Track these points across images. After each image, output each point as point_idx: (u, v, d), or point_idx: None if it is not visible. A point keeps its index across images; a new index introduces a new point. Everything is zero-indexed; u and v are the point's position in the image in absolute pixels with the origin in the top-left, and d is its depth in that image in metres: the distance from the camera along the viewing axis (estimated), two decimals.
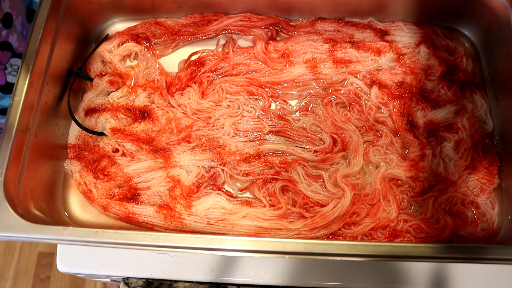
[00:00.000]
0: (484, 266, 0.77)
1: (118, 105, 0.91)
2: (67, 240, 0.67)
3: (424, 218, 0.81)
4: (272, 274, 0.77)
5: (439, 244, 0.66)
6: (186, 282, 0.78)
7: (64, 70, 0.90)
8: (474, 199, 0.82)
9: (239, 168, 0.85)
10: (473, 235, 0.80)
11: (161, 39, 0.99)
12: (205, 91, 0.93)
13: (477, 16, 0.94)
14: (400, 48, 0.95)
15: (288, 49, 0.96)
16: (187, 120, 0.90)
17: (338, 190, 0.83)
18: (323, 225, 0.79)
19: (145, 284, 0.78)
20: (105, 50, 0.96)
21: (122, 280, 0.78)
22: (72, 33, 0.92)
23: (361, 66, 0.93)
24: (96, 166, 0.85)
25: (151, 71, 0.95)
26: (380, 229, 0.80)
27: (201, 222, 0.79)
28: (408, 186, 0.83)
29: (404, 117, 0.88)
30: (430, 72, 0.92)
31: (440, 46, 0.96)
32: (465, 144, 0.86)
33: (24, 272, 1.71)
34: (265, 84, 0.93)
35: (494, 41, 0.92)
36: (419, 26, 0.98)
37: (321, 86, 0.93)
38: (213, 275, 0.77)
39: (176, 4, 0.98)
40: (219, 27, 0.99)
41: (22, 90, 0.76)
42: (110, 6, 0.99)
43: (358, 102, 0.91)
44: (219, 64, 0.96)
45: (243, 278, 0.77)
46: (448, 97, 0.90)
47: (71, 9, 0.90)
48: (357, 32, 0.97)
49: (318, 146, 0.87)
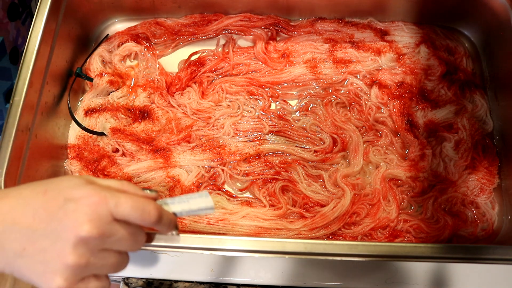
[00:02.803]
0: (484, 266, 0.77)
1: (118, 105, 0.91)
2: None
3: (424, 218, 0.81)
4: (272, 274, 0.77)
5: (439, 244, 0.66)
6: (186, 282, 0.78)
7: (64, 70, 0.90)
8: (474, 199, 0.82)
9: (239, 168, 0.85)
10: (473, 235, 0.80)
11: (161, 39, 0.99)
12: (205, 91, 0.93)
13: (477, 16, 0.94)
14: (400, 48, 0.95)
15: (288, 49, 0.96)
16: (187, 120, 0.90)
17: (338, 190, 0.83)
18: (323, 225, 0.79)
19: (145, 284, 0.78)
20: (105, 50, 0.96)
21: (122, 280, 0.78)
22: (72, 33, 0.92)
23: (361, 66, 0.93)
24: (96, 166, 0.85)
25: (151, 71, 0.95)
26: (380, 229, 0.80)
27: (201, 222, 0.79)
28: (408, 186, 0.83)
29: (404, 117, 0.88)
30: (430, 72, 0.92)
31: (440, 46, 0.96)
32: (465, 144, 0.86)
33: None
34: (265, 84, 0.93)
35: (494, 41, 0.92)
36: (419, 26, 0.98)
37: (321, 86, 0.93)
38: (213, 275, 0.77)
39: (176, 4, 0.98)
40: (219, 27, 0.99)
41: (22, 90, 0.76)
42: (110, 6, 0.99)
43: (358, 102, 0.91)
44: (219, 64, 0.96)
45: (243, 278, 0.77)
46: (448, 97, 0.90)
47: (71, 9, 0.90)
48: (357, 32, 0.97)
49: (318, 146, 0.87)
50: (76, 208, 0.43)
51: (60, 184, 0.45)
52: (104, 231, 0.44)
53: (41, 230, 0.43)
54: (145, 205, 0.46)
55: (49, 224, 0.43)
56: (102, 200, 0.44)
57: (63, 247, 0.42)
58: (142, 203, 0.46)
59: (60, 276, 0.43)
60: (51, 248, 0.43)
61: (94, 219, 0.43)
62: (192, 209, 0.53)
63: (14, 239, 0.43)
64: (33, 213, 0.43)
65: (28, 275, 0.44)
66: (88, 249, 0.43)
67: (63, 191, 0.44)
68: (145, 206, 0.46)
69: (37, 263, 0.43)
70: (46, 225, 0.43)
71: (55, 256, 0.43)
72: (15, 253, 0.43)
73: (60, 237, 0.43)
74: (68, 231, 0.42)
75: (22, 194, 0.45)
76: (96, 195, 0.44)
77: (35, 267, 0.43)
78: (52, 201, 0.44)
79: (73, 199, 0.44)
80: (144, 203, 0.46)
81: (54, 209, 0.43)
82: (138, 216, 0.46)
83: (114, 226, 0.45)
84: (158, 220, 0.48)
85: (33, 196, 0.44)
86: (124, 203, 0.45)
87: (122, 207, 0.45)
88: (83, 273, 0.44)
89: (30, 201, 0.44)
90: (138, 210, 0.46)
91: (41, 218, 0.43)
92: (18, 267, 0.44)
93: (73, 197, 0.44)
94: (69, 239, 0.42)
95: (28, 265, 0.43)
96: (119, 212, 0.45)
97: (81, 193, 0.44)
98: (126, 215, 0.45)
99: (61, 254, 0.42)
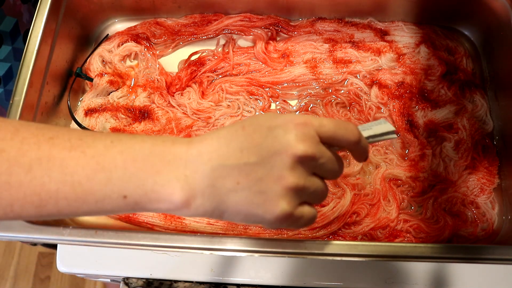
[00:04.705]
0: (484, 266, 0.77)
1: (118, 105, 0.91)
2: (67, 240, 0.67)
3: (424, 218, 0.81)
4: (272, 274, 0.77)
5: (439, 244, 0.66)
6: (186, 282, 0.78)
7: (64, 70, 0.90)
8: (474, 199, 0.82)
9: None
10: (473, 235, 0.80)
11: (161, 39, 0.99)
12: (205, 91, 0.93)
13: (477, 16, 0.94)
14: (400, 48, 0.95)
15: (288, 49, 0.96)
16: (187, 120, 0.90)
17: (338, 190, 0.83)
18: (323, 225, 0.79)
19: (145, 284, 0.78)
20: (105, 50, 0.96)
21: (122, 280, 0.78)
22: (72, 33, 0.92)
23: (361, 66, 0.93)
24: None
25: (151, 71, 0.95)
26: (380, 229, 0.80)
27: (201, 222, 0.79)
28: (408, 186, 0.83)
29: (404, 117, 0.88)
30: (430, 72, 0.92)
31: (440, 46, 0.96)
32: (465, 144, 0.86)
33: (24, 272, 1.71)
34: (265, 84, 0.93)
35: (494, 41, 0.92)
36: (419, 26, 0.98)
37: (321, 86, 0.93)
38: (213, 275, 0.77)
39: (176, 4, 0.99)
40: (219, 27, 0.99)
41: (22, 90, 0.76)
42: (110, 6, 0.99)
43: (358, 102, 0.91)
44: (219, 64, 0.96)
45: (243, 278, 0.77)
46: (448, 97, 0.90)
47: (71, 9, 0.90)
48: (357, 32, 0.97)
49: None
50: (285, 131, 0.42)
51: (255, 119, 0.44)
52: (316, 151, 0.42)
53: (252, 161, 0.41)
54: (347, 124, 0.45)
55: (260, 153, 0.41)
56: (308, 121, 0.42)
57: (281, 171, 0.41)
58: (343, 122, 0.45)
59: (283, 200, 0.41)
60: (268, 176, 0.41)
61: (305, 139, 0.41)
62: (377, 134, 0.51)
63: (226, 176, 0.41)
64: (239, 147, 0.42)
65: (245, 209, 0.42)
66: (304, 171, 0.42)
67: (262, 123, 0.43)
68: (347, 124, 0.45)
69: (256, 194, 0.41)
70: (257, 155, 0.41)
71: (274, 182, 0.41)
72: (229, 189, 0.41)
73: (276, 162, 0.41)
74: (282, 154, 0.41)
75: (220, 135, 0.43)
76: (299, 118, 0.43)
77: (253, 199, 0.41)
78: (255, 133, 0.42)
79: (278, 126, 0.42)
80: (345, 122, 0.45)
81: (260, 140, 0.42)
82: (343, 134, 0.44)
83: (322, 147, 0.43)
84: (360, 138, 0.46)
85: (233, 133, 0.43)
86: (328, 123, 0.43)
87: (327, 127, 0.43)
88: (302, 197, 0.43)
89: (232, 138, 0.42)
90: (342, 129, 0.44)
91: (250, 150, 0.41)
92: (235, 203, 0.42)
93: (277, 124, 0.42)
94: (286, 162, 0.41)
95: (246, 198, 0.42)
96: (325, 131, 0.43)
97: (282, 120, 0.43)
98: (332, 134, 0.43)
99: (280, 178, 0.41)
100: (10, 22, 0.87)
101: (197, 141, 0.44)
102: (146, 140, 0.44)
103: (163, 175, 0.42)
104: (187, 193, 0.42)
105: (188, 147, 0.43)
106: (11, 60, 0.89)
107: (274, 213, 0.42)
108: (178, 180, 0.42)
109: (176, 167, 0.42)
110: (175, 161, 0.42)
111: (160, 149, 0.43)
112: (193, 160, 0.42)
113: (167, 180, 0.42)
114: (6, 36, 0.86)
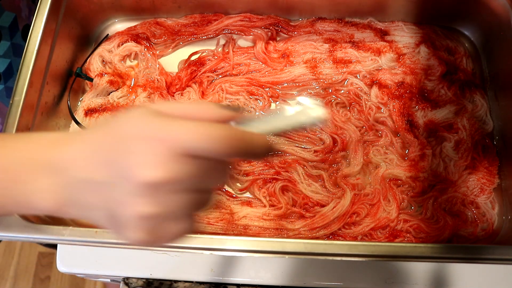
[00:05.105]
0: (484, 266, 0.77)
1: (118, 105, 0.91)
2: (67, 240, 0.67)
3: (424, 218, 0.81)
4: (272, 274, 0.77)
5: (439, 244, 0.66)
6: (186, 282, 0.78)
7: (64, 70, 0.90)
8: (474, 199, 0.82)
9: (239, 168, 0.85)
10: (473, 235, 0.80)
11: (161, 39, 0.99)
12: (205, 91, 0.93)
13: (477, 16, 0.94)
14: (400, 48, 0.95)
15: (288, 49, 0.96)
16: None
17: (338, 190, 0.83)
18: (323, 225, 0.79)
19: (145, 284, 0.78)
20: (105, 50, 0.96)
21: (122, 280, 0.78)
22: (72, 33, 0.92)
23: (361, 66, 0.93)
24: None
25: (151, 71, 0.95)
26: (380, 229, 0.80)
27: (201, 222, 0.79)
28: (408, 186, 0.83)
29: (404, 117, 0.88)
30: (430, 72, 0.92)
31: (440, 46, 0.96)
32: (465, 144, 0.86)
33: (24, 272, 1.71)
34: (265, 84, 0.93)
35: (494, 41, 0.92)
36: (419, 26, 0.98)
37: (321, 86, 0.93)
38: (213, 275, 0.77)
39: (176, 4, 0.99)
40: (219, 27, 0.99)
41: (22, 90, 0.76)
42: (110, 6, 0.99)
43: (358, 102, 0.91)
44: (219, 64, 0.96)
45: (243, 278, 0.77)
46: (448, 97, 0.90)
47: (71, 9, 0.90)
48: (357, 32, 0.97)
49: (318, 146, 0.87)
50: (136, 153, 0.36)
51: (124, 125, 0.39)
52: (171, 174, 0.36)
53: (107, 180, 0.37)
54: (218, 132, 0.36)
55: (114, 173, 0.37)
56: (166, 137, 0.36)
57: (128, 198, 0.36)
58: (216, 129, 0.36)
59: (136, 228, 0.37)
60: (118, 201, 0.37)
61: (157, 161, 0.35)
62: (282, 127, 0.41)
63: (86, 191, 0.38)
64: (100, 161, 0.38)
65: (109, 228, 0.40)
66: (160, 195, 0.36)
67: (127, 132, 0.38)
68: (217, 133, 0.36)
69: (110, 217, 0.38)
70: (110, 174, 0.37)
71: (124, 207, 0.37)
72: (89, 205, 0.39)
73: (124, 187, 0.36)
74: (130, 179, 0.36)
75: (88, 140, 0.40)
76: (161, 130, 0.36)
77: (110, 220, 0.38)
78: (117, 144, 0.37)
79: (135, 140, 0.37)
80: (219, 129, 0.37)
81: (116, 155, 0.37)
82: (209, 147, 0.36)
83: (183, 165, 0.36)
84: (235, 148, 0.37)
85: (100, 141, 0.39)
86: (188, 137, 0.36)
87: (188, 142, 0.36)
88: (160, 221, 0.38)
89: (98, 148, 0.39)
90: (208, 140, 0.36)
91: (107, 165, 0.37)
92: (98, 219, 0.40)
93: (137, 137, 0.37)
94: (132, 188, 0.36)
95: (104, 218, 0.39)
96: (186, 147, 0.36)
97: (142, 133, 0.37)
98: (194, 149, 0.36)
99: (129, 205, 0.36)
100: (8, 17, 0.87)
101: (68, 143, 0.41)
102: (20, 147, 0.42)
103: (30, 184, 0.41)
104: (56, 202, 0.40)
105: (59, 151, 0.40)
106: (10, 56, 0.89)
107: (131, 239, 0.39)
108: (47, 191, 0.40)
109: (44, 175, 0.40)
110: (44, 169, 0.40)
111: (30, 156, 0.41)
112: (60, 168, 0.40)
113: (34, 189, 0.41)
114: (5, 31, 0.86)
